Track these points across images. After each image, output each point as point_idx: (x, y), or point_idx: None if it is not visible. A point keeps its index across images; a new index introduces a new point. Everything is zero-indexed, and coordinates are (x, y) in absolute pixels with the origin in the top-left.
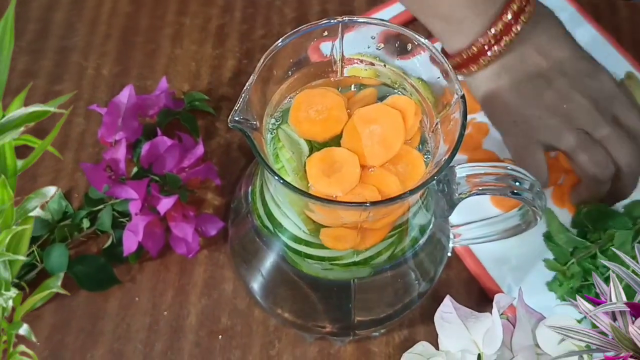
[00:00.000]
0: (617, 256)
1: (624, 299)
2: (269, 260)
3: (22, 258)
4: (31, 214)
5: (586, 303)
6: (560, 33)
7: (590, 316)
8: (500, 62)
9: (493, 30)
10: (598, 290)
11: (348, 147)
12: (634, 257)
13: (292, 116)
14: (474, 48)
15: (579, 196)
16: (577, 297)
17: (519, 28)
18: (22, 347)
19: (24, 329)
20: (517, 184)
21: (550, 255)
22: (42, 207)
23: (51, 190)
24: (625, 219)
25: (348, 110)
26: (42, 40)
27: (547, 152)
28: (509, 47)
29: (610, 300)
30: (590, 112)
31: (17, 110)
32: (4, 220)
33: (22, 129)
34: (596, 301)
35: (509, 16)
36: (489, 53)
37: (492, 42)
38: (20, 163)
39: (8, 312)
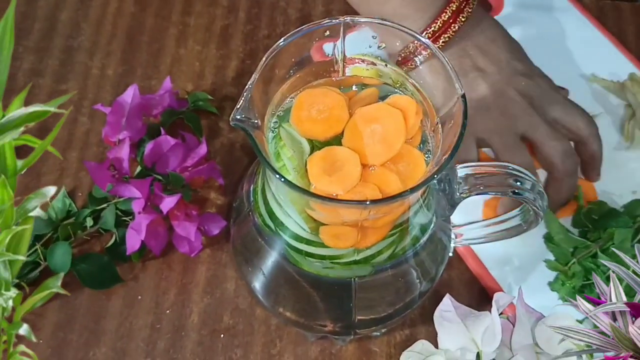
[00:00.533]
0: (617, 255)
1: (624, 299)
2: (271, 259)
3: (22, 258)
4: (31, 214)
5: (586, 303)
6: (500, 35)
7: (590, 316)
8: None
9: (432, 28)
10: (598, 291)
11: (349, 146)
12: (633, 256)
13: (294, 115)
14: (412, 46)
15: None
16: (577, 297)
17: (457, 27)
18: (22, 347)
19: (24, 329)
20: (519, 183)
21: (551, 256)
22: (44, 207)
23: (51, 190)
24: (625, 218)
25: (349, 110)
26: (47, 40)
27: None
28: (447, 44)
29: (610, 300)
30: (525, 109)
31: (17, 110)
32: (4, 220)
33: (22, 128)
34: (596, 301)
35: (448, 15)
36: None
37: (431, 39)
38: (20, 163)
39: (8, 312)
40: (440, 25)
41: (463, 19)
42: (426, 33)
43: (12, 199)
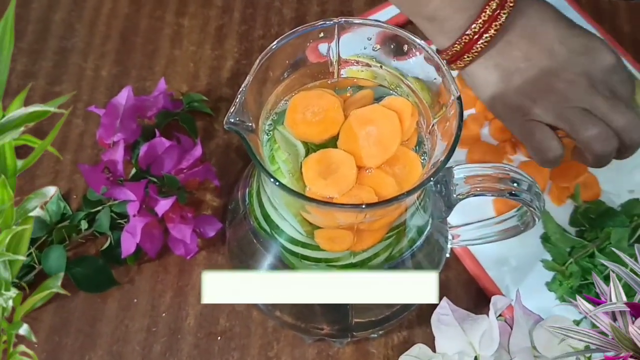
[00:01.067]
0: (614, 254)
1: (624, 298)
2: (267, 262)
3: (22, 258)
4: (31, 214)
5: (586, 303)
6: (548, 17)
7: (590, 316)
8: (487, 55)
9: (474, 28)
10: (598, 290)
11: (344, 148)
12: (632, 256)
13: (289, 118)
14: (457, 46)
15: (580, 159)
16: (577, 297)
17: (499, 23)
18: (22, 347)
19: (24, 329)
20: (516, 185)
21: (548, 257)
22: (42, 207)
23: (51, 190)
24: (622, 217)
25: (344, 112)
26: (41, 42)
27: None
28: (491, 42)
29: (610, 300)
30: (585, 88)
31: (17, 110)
32: (4, 220)
33: (22, 129)
34: (596, 301)
35: (489, 12)
36: (472, 49)
37: (475, 38)
38: (20, 163)
39: (8, 312)
40: (482, 23)
41: (505, 14)
42: (467, 35)
43: (12, 199)
